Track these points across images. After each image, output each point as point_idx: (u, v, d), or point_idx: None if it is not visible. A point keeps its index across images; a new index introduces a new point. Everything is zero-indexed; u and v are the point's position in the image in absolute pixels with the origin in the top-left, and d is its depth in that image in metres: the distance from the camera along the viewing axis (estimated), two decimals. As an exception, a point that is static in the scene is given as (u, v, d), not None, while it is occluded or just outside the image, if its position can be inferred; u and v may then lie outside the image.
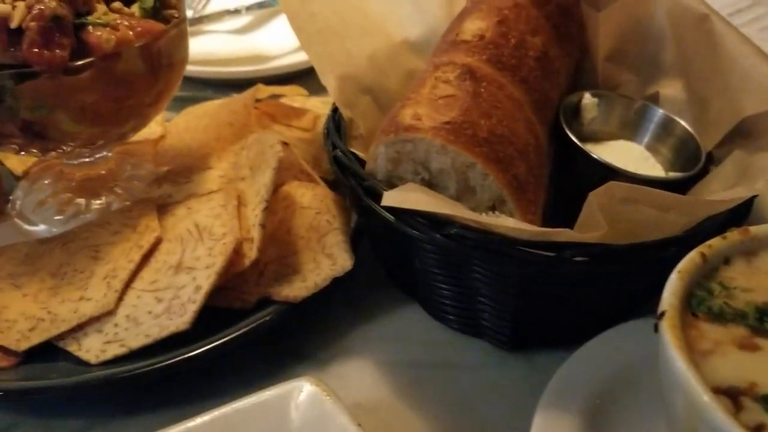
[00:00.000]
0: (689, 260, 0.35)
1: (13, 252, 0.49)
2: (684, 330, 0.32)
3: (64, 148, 0.51)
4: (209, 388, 0.45)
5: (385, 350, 0.47)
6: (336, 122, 0.51)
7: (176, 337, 0.43)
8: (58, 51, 0.44)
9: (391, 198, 0.39)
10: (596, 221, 0.38)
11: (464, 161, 0.42)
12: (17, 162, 0.62)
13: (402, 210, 0.41)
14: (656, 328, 0.33)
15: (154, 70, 0.49)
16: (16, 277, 0.47)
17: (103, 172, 0.58)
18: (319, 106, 0.67)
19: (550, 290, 0.43)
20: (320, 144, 0.61)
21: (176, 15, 0.51)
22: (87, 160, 0.56)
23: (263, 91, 0.63)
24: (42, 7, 0.44)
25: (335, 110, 0.53)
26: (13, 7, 0.45)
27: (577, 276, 0.41)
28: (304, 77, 0.82)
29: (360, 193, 0.43)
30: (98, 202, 0.57)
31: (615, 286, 0.43)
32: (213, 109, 0.62)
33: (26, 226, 0.56)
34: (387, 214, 0.41)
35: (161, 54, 0.49)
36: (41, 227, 0.56)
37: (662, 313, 0.32)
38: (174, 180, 0.54)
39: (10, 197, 0.59)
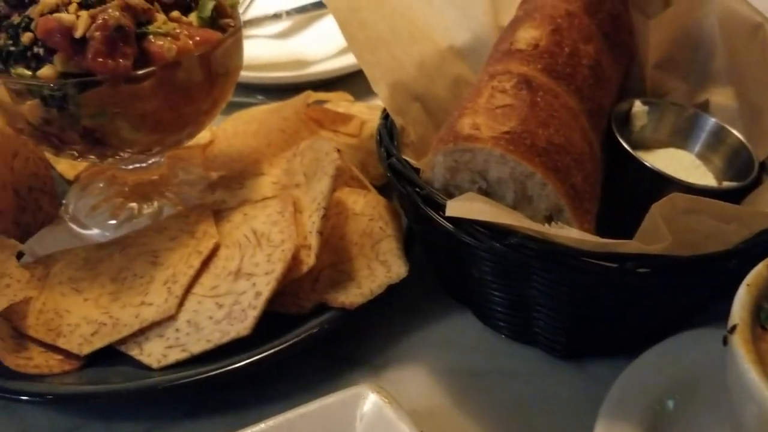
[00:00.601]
0: (757, 274, 0.35)
1: (72, 257, 0.50)
2: (753, 343, 0.32)
3: (122, 154, 0.52)
4: (266, 393, 0.45)
5: (438, 357, 0.48)
6: (388, 129, 0.52)
7: (234, 342, 0.44)
8: (121, 60, 0.45)
9: (455, 208, 0.39)
10: (659, 232, 0.38)
11: (523, 171, 0.42)
12: (68, 166, 0.63)
13: (461, 219, 0.41)
14: (725, 341, 0.33)
15: (211, 78, 0.50)
16: (77, 282, 0.48)
17: (155, 177, 0.59)
18: (364, 112, 0.67)
19: (608, 300, 0.43)
20: (367, 150, 0.62)
21: (232, 24, 0.52)
22: (140, 165, 0.57)
23: (310, 96, 0.64)
24: (106, 17, 0.45)
25: (386, 117, 0.54)
26: (77, 17, 0.46)
27: (638, 287, 0.41)
28: (345, 82, 0.83)
29: (418, 202, 0.43)
30: (150, 206, 0.58)
31: (672, 297, 0.43)
32: (262, 114, 0.63)
33: (80, 230, 0.57)
34: (447, 223, 0.42)
35: (218, 62, 0.50)
36: (95, 231, 0.57)
37: (733, 327, 0.32)
38: (227, 186, 0.55)
39: (63, 201, 0.60)
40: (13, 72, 0.47)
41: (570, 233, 0.38)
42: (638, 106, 0.55)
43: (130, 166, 0.57)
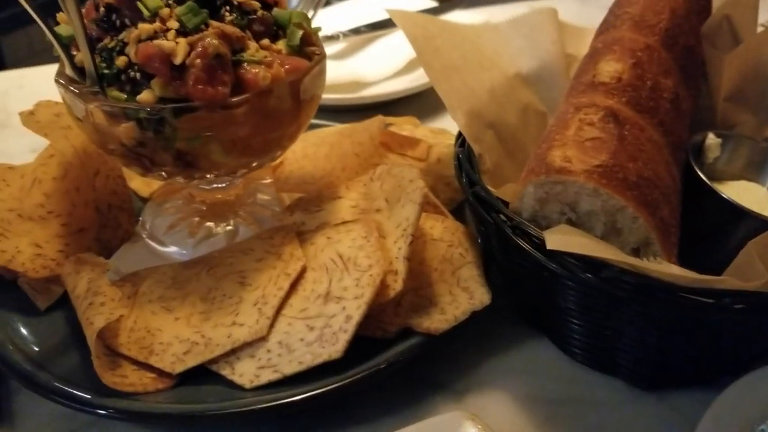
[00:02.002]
0: None
1: (159, 275, 0.52)
2: None
3: (209, 176, 0.53)
4: (351, 417, 0.46)
5: (519, 383, 0.48)
6: (466, 156, 0.53)
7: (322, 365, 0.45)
8: (220, 88, 0.47)
9: (555, 241, 0.40)
10: (755, 269, 0.38)
11: (615, 204, 0.43)
12: (142, 184, 0.65)
13: (553, 250, 0.42)
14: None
15: (299, 104, 0.51)
16: (167, 301, 0.49)
17: (231, 197, 0.60)
18: (428, 136, 0.69)
19: (699, 334, 0.43)
20: (436, 174, 0.63)
21: (317, 52, 0.53)
22: (219, 186, 0.58)
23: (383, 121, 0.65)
24: (205, 45, 0.47)
25: (462, 144, 0.55)
26: (176, 44, 0.47)
27: (732, 322, 0.41)
28: (401, 104, 0.84)
29: (508, 232, 0.44)
30: (226, 226, 0.59)
31: (761, 332, 0.44)
32: (332, 137, 0.64)
33: (158, 247, 0.58)
34: (539, 254, 0.42)
35: (305, 89, 0.51)
36: (172, 248, 0.58)
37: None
38: (305, 208, 0.56)
39: (140, 218, 0.61)
40: (109, 95, 0.48)
41: (669, 269, 0.39)
42: (712, 139, 0.56)
43: (209, 186, 0.58)
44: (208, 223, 0.60)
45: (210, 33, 0.48)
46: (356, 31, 0.93)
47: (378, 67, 0.88)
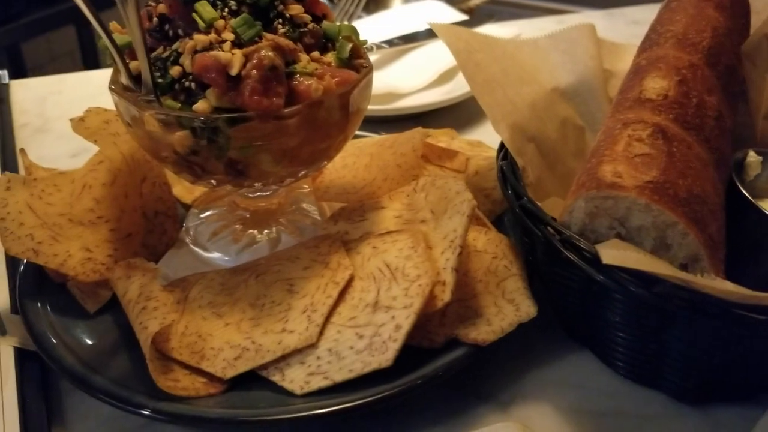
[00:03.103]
0: None
1: (208, 281, 0.52)
2: None
3: (257, 185, 0.54)
4: (397, 425, 0.47)
5: (563, 395, 0.49)
6: (508, 168, 0.53)
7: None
8: (275, 99, 0.48)
9: (610, 256, 0.40)
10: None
11: (666, 220, 0.44)
12: (184, 191, 0.66)
13: (604, 264, 0.42)
14: None
15: (346, 116, 0.52)
16: (217, 306, 0.50)
17: (273, 206, 0.61)
18: (465, 148, 0.69)
19: (749, 350, 0.43)
20: (474, 186, 0.63)
21: (365, 65, 0.54)
22: (263, 194, 0.59)
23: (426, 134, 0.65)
24: (261, 57, 0.48)
25: (504, 157, 0.56)
26: (232, 55, 0.48)
27: (784, 339, 0.42)
28: (433, 115, 0.85)
29: (558, 246, 0.45)
30: (269, 233, 0.60)
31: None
32: (372, 148, 0.65)
33: (203, 253, 0.59)
34: (590, 268, 0.43)
35: (353, 101, 0.52)
36: (216, 255, 0.59)
37: None
38: (348, 217, 0.57)
39: (183, 225, 0.62)
40: (164, 103, 0.49)
41: (723, 285, 0.39)
42: (753, 156, 0.56)
43: (254, 195, 0.59)
44: (251, 231, 0.60)
45: (265, 45, 0.49)
46: (389, 43, 0.95)
47: (411, 79, 0.89)
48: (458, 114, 0.87)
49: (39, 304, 0.51)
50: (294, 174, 0.54)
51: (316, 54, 0.52)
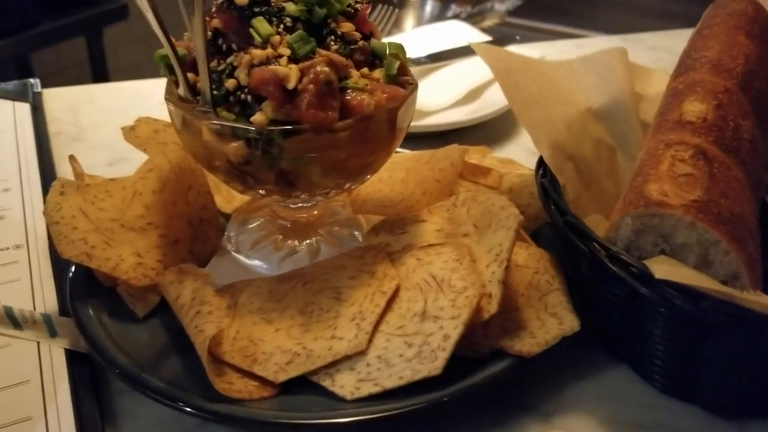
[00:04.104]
0: None
1: (255, 288, 0.54)
2: None
3: (303, 195, 0.55)
4: None
5: (603, 408, 0.50)
6: (550, 185, 0.55)
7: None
8: (330, 112, 0.49)
9: (663, 271, 0.42)
10: None
11: (709, 238, 0.45)
12: (223, 201, 0.67)
13: (650, 279, 0.44)
14: None
15: (393, 130, 0.54)
16: (267, 313, 0.51)
17: (313, 217, 0.62)
18: (497, 165, 0.71)
19: (788, 366, 0.45)
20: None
21: (411, 81, 0.56)
22: (305, 205, 0.61)
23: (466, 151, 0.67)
24: (317, 72, 0.49)
25: (544, 174, 0.57)
26: (289, 70, 0.50)
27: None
28: (460, 133, 0.87)
29: (605, 261, 0.46)
30: (309, 244, 0.61)
31: None
32: (407, 163, 0.66)
33: (246, 261, 0.60)
34: (636, 282, 0.45)
35: (400, 117, 0.54)
36: (258, 263, 0.60)
37: None
38: (389, 230, 0.58)
39: (225, 233, 0.63)
40: (220, 114, 0.51)
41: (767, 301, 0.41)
42: (782, 179, 0.58)
43: (296, 206, 0.61)
44: (291, 241, 0.62)
45: (319, 60, 0.50)
46: (417, 62, 0.97)
47: (437, 97, 0.91)
48: (483, 133, 0.89)
49: (90, 308, 0.52)
50: (340, 186, 0.56)
51: (365, 70, 0.54)
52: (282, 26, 0.52)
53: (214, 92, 0.51)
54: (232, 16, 0.53)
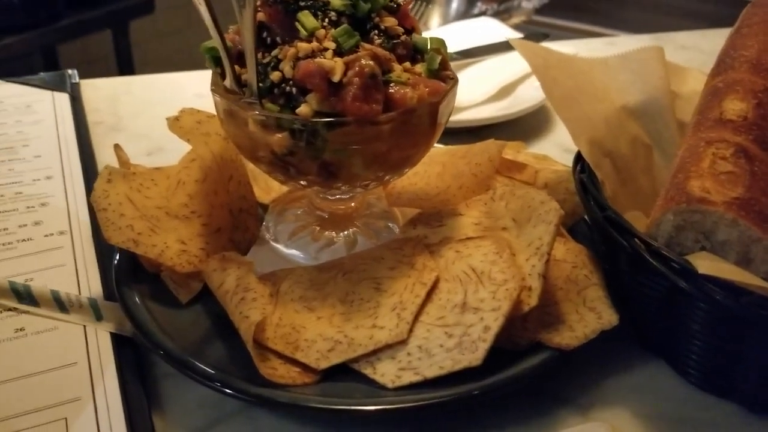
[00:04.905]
0: None
1: (297, 277, 0.55)
2: None
3: (344, 187, 0.56)
4: (478, 425, 0.49)
5: (639, 401, 0.50)
6: (589, 181, 0.55)
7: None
8: (374, 105, 0.50)
9: (706, 267, 0.42)
10: None
11: (752, 235, 0.46)
12: (261, 192, 0.68)
13: (692, 274, 0.44)
14: None
15: (434, 124, 0.55)
16: (308, 301, 0.52)
17: (350, 209, 0.63)
18: (531, 161, 0.71)
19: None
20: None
21: (451, 76, 0.57)
22: (344, 197, 0.62)
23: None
24: (362, 65, 0.50)
25: (582, 170, 0.58)
26: (334, 63, 0.51)
27: None
28: (491, 130, 0.87)
29: (647, 256, 0.47)
30: (346, 235, 0.62)
31: None
32: (443, 157, 0.67)
33: (285, 250, 0.61)
34: (678, 278, 0.45)
35: (441, 111, 0.55)
36: (295, 252, 0.61)
37: None
38: (427, 222, 0.59)
39: (263, 223, 0.64)
40: (265, 106, 0.52)
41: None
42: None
43: (334, 197, 0.62)
44: (328, 232, 0.63)
45: (364, 54, 0.51)
46: (450, 59, 0.97)
47: (469, 93, 0.92)
48: (515, 129, 0.90)
49: (135, 293, 0.54)
50: (380, 178, 0.56)
51: (407, 64, 0.55)
52: (327, 20, 0.53)
53: (260, 84, 0.52)
54: (277, 10, 0.54)
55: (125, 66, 2.92)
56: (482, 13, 1.89)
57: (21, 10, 2.32)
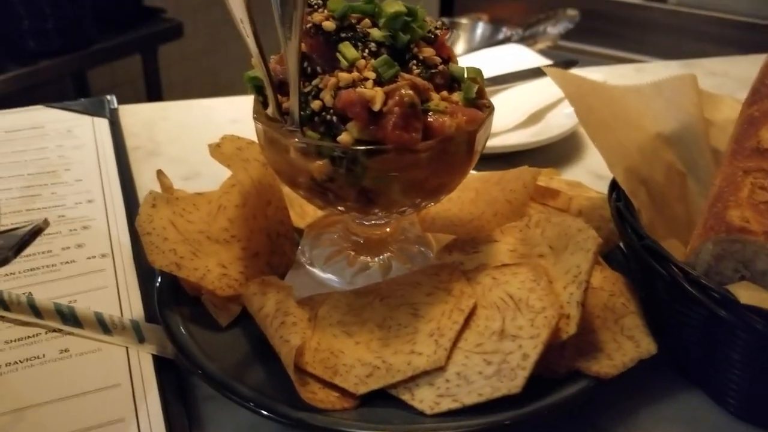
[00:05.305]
0: None
1: (334, 302, 0.56)
2: None
3: (380, 213, 0.57)
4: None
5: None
6: (625, 209, 0.56)
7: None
8: (414, 134, 0.51)
9: (749, 297, 0.42)
10: None
11: (792, 266, 0.46)
12: (296, 216, 0.69)
13: (733, 304, 0.44)
14: None
15: (471, 152, 0.56)
16: (347, 326, 0.53)
17: (384, 234, 0.64)
18: (564, 188, 0.72)
19: None
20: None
21: (487, 104, 0.58)
22: (379, 222, 0.62)
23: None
24: (402, 94, 0.51)
25: (618, 198, 0.58)
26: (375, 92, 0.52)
27: None
28: (521, 156, 0.88)
29: (686, 285, 0.47)
30: (380, 260, 0.63)
31: None
32: (476, 183, 0.68)
33: (321, 274, 0.62)
34: (718, 308, 0.45)
35: (478, 139, 0.55)
36: (331, 276, 0.62)
37: None
38: (462, 249, 0.59)
39: (299, 247, 0.65)
40: (306, 134, 0.53)
41: None
42: None
43: (369, 222, 0.63)
44: (363, 257, 0.64)
45: (403, 84, 0.52)
46: (478, 84, 0.98)
47: (499, 120, 0.92)
48: (544, 156, 0.90)
49: (177, 316, 0.55)
50: (417, 205, 0.57)
51: (444, 93, 0.56)
52: (366, 51, 0.54)
53: (301, 113, 0.54)
54: (318, 41, 0.55)
55: (153, 90, 2.97)
56: (507, 39, 1.90)
57: (55, 35, 2.38)
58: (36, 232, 0.42)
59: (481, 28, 2.01)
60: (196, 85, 3.41)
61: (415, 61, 0.55)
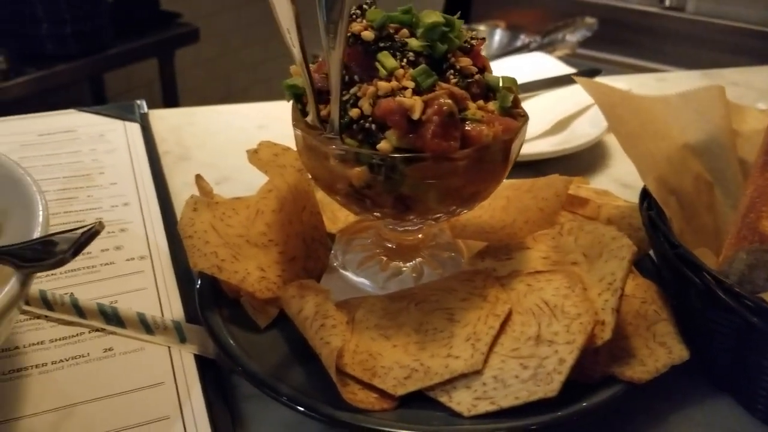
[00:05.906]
0: None
1: (370, 306, 0.57)
2: None
3: (415, 219, 0.58)
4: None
5: (709, 438, 0.51)
6: (657, 217, 0.57)
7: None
8: (452, 142, 0.52)
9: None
10: None
11: (826, 276, 0.46)
12: (328, 221, 0.71)
13: (766, 313, 0.45)
14: None
15: (506, 160, 0.57)
16: (384, 329, 0.54)
17: (416, 240, 0.65)
18: (593, 196, 0.73)
19: None
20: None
21: (522, 113, 0.59)
22: (411, 228, 0.64)
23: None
24: (441, 103, 0.52)
25: (649, 208, 0.59)
26: (414, 101, 0.53)
27: None
28: (545, 164, 0.89)
29: (720, 294, 0.48)
30: (412, 265, 0.64)
31: None
32: (507, 191, 0.69)
33: (354, 278, 0.64)
34: (751, 316, 0.46)
35: (513, 147, 0.57)
36: (363, 281, 0.63)
37: None
38: (495, 255, 0.61)
39: (332, 252, 0.67)
40: (345, 141, 0.54)
41: None
42: None
43: (402, 228, 0.64)
44: (395, 262, 0.65)
45: (441, 93, 0.54)
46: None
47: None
48: (570, 164, 0.91)
49: (218, 316, 0.56)
50: (452, 212, 0.58)
51: (480, 102, 0.57)
52: (405, 60, 0.56)
53: (341, 121, 0.55)
54: (357, 51, 0.57)
55: (170, 93, 3.00)
56: (525, 46, 1.91)
57: (72, 40, 2.41)
58: (93, 234, 0.43)
59: (498, 35, 2.03)
60: (209, 90, 3.45)
61: (452, 71, 0.57)
